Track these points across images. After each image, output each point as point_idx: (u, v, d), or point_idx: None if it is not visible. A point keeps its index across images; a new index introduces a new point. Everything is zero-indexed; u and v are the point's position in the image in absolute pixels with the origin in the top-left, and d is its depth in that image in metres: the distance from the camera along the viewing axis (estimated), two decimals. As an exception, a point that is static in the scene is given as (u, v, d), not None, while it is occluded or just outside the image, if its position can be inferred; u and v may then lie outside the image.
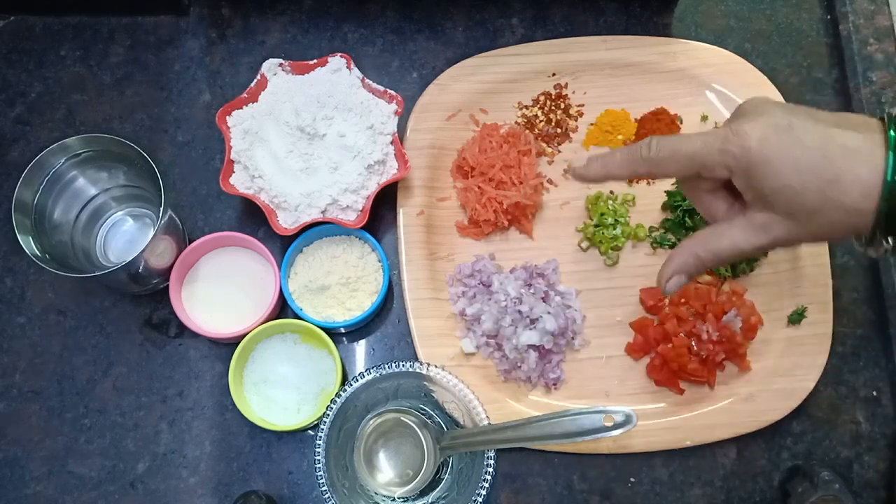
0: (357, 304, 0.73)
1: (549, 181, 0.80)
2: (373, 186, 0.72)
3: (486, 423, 0.62)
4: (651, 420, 0.72)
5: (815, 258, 0.76)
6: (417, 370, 0.64)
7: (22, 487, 0.72)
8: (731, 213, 0.55)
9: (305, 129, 0.71)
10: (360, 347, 0.77)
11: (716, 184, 0.55)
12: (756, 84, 0.81)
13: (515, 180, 0.76)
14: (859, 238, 0.52)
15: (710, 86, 0.82)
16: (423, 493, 0.63)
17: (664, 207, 0.79)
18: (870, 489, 0.74)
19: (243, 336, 0.70)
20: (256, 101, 0.74)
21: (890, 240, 0.50)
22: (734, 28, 0.86)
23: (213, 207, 0.79)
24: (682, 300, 0.75)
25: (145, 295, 0.76)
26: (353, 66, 0.75)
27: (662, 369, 0.73)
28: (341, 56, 0.75)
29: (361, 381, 0.63)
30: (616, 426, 0.57)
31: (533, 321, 0.71)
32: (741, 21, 0.87)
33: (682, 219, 0.77)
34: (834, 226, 0.50)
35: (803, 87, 0.85)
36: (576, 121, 0.81)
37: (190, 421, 0.74)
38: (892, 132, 0.48)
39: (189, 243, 0.73)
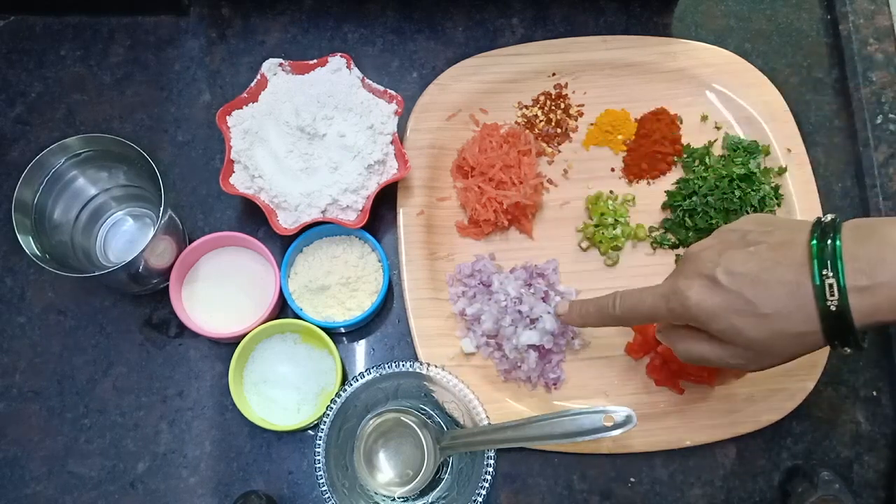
0: (357, 304, 0.73)
1: (549, 181, 0.80)
2: (373, 186, 0.72)
3: (486, 423, 0.62)
4: (651, 420, 0.72)
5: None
6: (417, 370, 0.64)
7: (22, 487, 0.72)
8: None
9: (305, 129, 0.71)
10: (360, 347, 0.77)
11: None
12: (756, 84, 0.81)
13: (515, 180, 0.76)
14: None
15: (710, 86, 0.82)
16: (423, 493, 0.63)
17: (664, 207, 0.79)
18: (870, 489, 0.74)
19: (243, 336, 0.70)
20: (256, 100, 0.74)
21: (847, 348, 0.52)
22: (734, 28, 0.86)
23: (213, 207, 0.79)
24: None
25: (145, 295, 0.76)
26: (353, 66, 0.75)
27: (662, 369, 0.73)
28: (341, 56, 0.75)
29: (361, 381, 0.63)
30: (616, 426, 0.57)
31: (533, 321, 0.71)
32: (741, 21, 0.87)
33: (682, 219, 0.77)
34: (790, 349, 0.54)
35: (803, 87, 0.85)
36: (576, 121, 0.81)
37: (190, 421, 0.74)
38: (813, 243, 0.50)
39: (189, 243, 0.73)
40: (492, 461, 0.61)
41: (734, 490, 0.73)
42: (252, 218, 0.78)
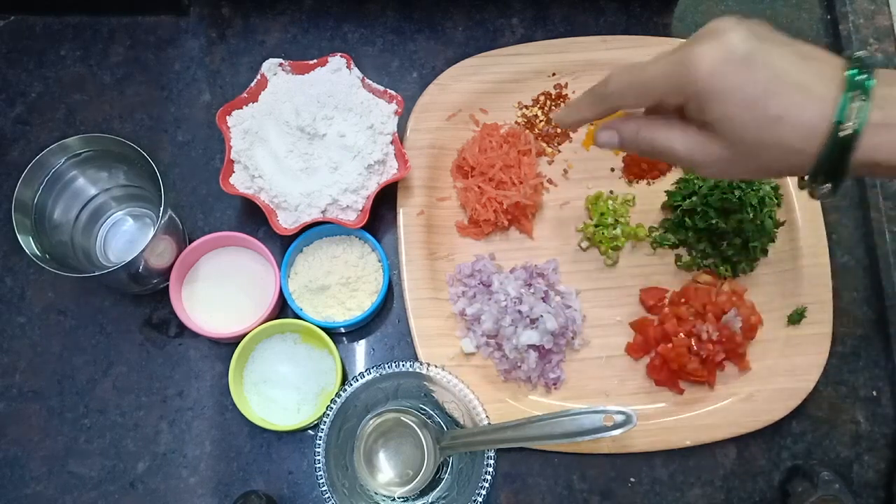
0: (357, 304, 0.73)
1: (549, 181, 0.80)
2: (373, 186, 0.72)
3: (486, 423, 0.62)
4: (651, 420, 0.72)
5: (815, 258, 0.76)
6: (417, 370, 0.64)
7: (22, 487, 0.72)
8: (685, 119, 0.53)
9: (305, 129, 0.71)
10: (360, 347, 0.77)
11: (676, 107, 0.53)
12: (756, 84, 0.81)
13: (515, 180, 0.76)
14: (801, 177, 0.51)
15: (710, 86, 0.81)
16: (423, 492, 0.63)
17: (664, 207, 0.79)
18: (870, 489, 0.74)
19: (243, 336, 0.70)
20: (256, 100, 0.74)
21: (828, 185, 0.50)
22: (734, 28, 0.86)
23: (213, 207, 0.79)
24: (682, 300, 0.75)
25: (145, 295, 0.76)
26: (353, 65, 0.75)
27: (662, 369, 0.73)
28: (341, 56, 0.75)
29: (361, 381, 0.63)
30: (616, 426, 0.57)
31: (533, 321, 0.71)
32: (741, 21, 0.87)
33: (681, 219, 0.77)
34: (772, 163, 0.51)
35: (803, 87, 0.84)
36: (576, 121, 0.81)
37: (190, 421, 0.74)
38: (851, 72, 0.48)
39: (189, 243, 0.73)
40: (492, 461, 0.61)
41: (734, 490, 0.73)
42: (252, 218, 0.78)
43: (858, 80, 0.47)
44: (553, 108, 0.81)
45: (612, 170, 0.80)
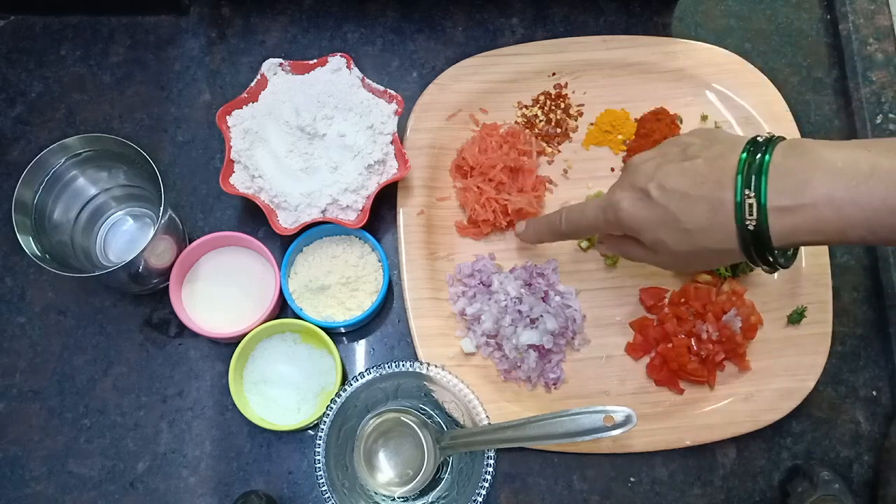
0: (357, 303, 0.73)
1: (549, 181, 0.80)
2: (373, 186, 0.72)
3: (486, 423, 0.62)
4: (651, 420, 0.72)
5: (815, 258, 0.76)
6: (417, 370, 0.64)
7: (22, 487, 0.72)
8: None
9: (305, 129, 0.71)
10: (360, 347, 0.77)
11: None
12: (756, 84, 0.81)
13: (521, 187, 0.76)
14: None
15: (710, 86, 0.82)
16: (423, 492, 0.63)
17: (664, 207, 0.79)
18: (869, 489, 0.74)
19: (243, 336, 0.70)
20: (256, 100, 0.74)
21: (766, 266, 0.54)
22: (734, 28, 0.86)
23: (213, 207, 0.79)
24: (682, 300, 0.75)
25: (145, 295, 0.76)
26: (353, 65, 0.75)
27: (662, 369, 0.73)
28: (341, 56, 0.75)
29: (361, 381, 0.63)
30: (616, 426, 0.57)
31: (533, 321, 0.71)
32: (741, 21, 0.87)
33: (682, 219, 0.76)
34: (711, 262, 0.58)
35: (803, 86, 0.85)
36: (576, 120, 0.81)
37: (190, 421, 0.74)
38: (743, 154, 0.51)
39: (189, 243, 0.73)
40: (492, 461, 0.61)
41: (734, 490, 0.73)
42: (252, 218, 0.78)
43: (751, 160, 0.50)
44: (553, 108, 0.81)
45: (613, 170, 0.80)
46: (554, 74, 0.82)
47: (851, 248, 0.80)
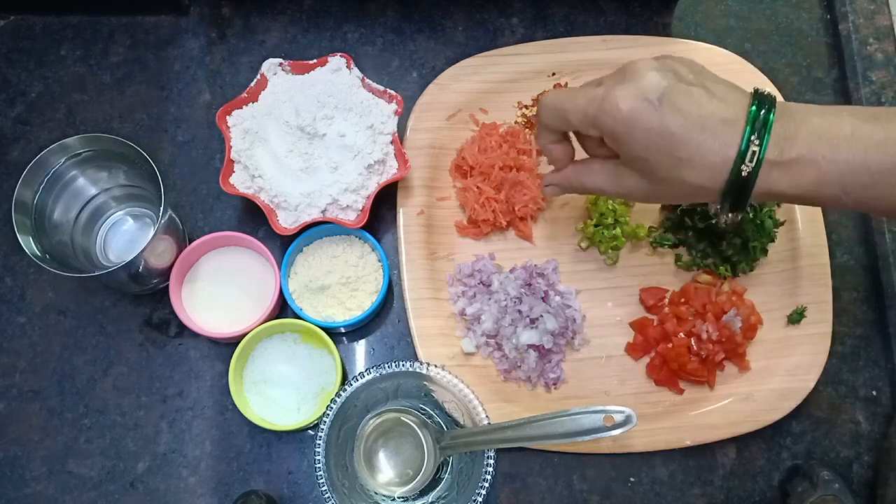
0: (357, 303, 0.73)
1: (549, 181, 0.80)
2: (373, 186, 0.72)
3: (486, 423, 0.62)
4: (651, 420, 0.72)
5: (815, 258, 0.76)
6: (417, 370, 0.64)
7: (22, 487, 0.72)
8: (608, 153, 0.59)
9: (305, 129, 0.71)
10: (360, 347, 0.77)
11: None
12: (756, 84, 0.80)
13: (526, 190, 0.76)
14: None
15: (710, 86, 0.81)
16: (423, 492, 0.63)
17: (664, 207, 0.79)
18: (869, 489, 0.74)
19: (243, 336, 0.70)
20: (256, 100, 0.74)
21: (731, 214, 0.55)
22: (734, 28, 0.86)
23: (213, 207, 0.79)
24: (682, 300, 0.75)
25: (145, 295, 0.76)
26: (353, 65, 0.75)
27: (662, 369, 0.73)
28: (341, 56, 0.75)
29: (361, 381, 0.63)
30: (616, 426, 0.57)
31: (533, 321, 0.71)
32: (741, 21, 0.87)
33: (681, 219, 0.76)
34: (682, 195, 0.56)
35: (803, 86, 0.85)
36: (576, 121, 0.81)
37: (190, 421, 0.74)
38: (752, 109, 0.52)
39: (189, 243, 0.73)
40: (492, 461, 0.61)
41: (734, 490, 0.73)
42: (252, 218, 0.78)
43: (761, 116, 0.51)
44: (553, 107, 0.81)
45: (612, 170, 0.80)
46: (554, 74, 0.82)
47: (851, 248, 0.80)
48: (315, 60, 0.75)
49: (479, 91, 0.81)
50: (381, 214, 0.78)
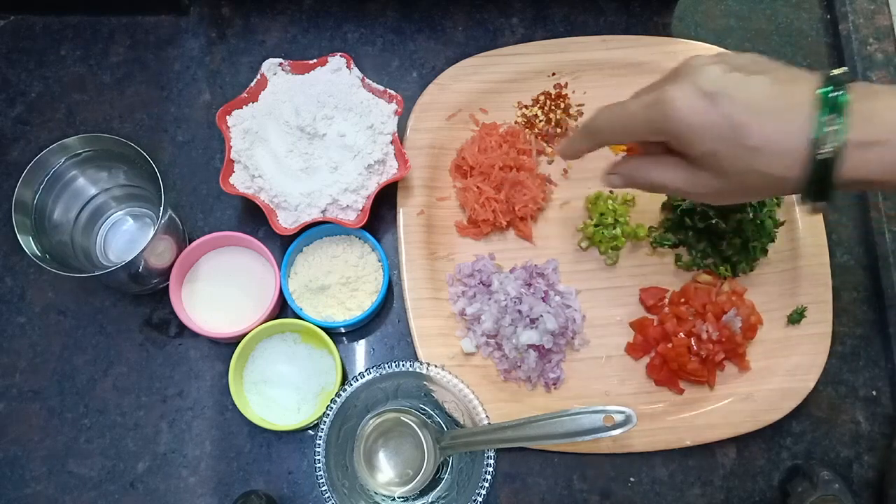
0: (357, 303, 0.73)
1: (550, 181, 0.80)
2: (373, 186, 0.72)
3: (486, 423, 0.62)
4: (651, 420, 0.72)
5: (815, 258, 0.76)
6: (417, 370, 0.64)
7: (22, 487, 0.72)
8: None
9: (305, 129, 0.71)
10: (360, 347, 0.77)
11: None
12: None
13: (526, 190, 0.76)
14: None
15: (710, 86, 0.81)
16: (423, 492, 0.63)
17: (664, 207, 0.79)
18: (869, 489, 0.74)
19: (243, 336, 0.70)
20: (256, 100, 0.74)
21: (816, 201, 0.51)
22: (734, 28, 0.86)
23: (213, 207, 0.79)
24: (682, 300, 0.75)
25: (145, 295, 0.76)
26: (353, 65, 0.75)
27: (662, 369, 0.73)
28: (341, 56, 0.75)
29: (361, 381, 0.63)
30: (616, 426, 0.57)
31: (533, 321, 0.71)
32: (741, 21, 0.87)
33: (681, 219, 0.76)
34: (761, 189, 0.53)
35: (803, 86, 0.84)
36: (576, 120, 0.81)
37: (190, 421, 0.74)
38: (823, 90, 0.49)
39: (189, 243, 0.73)
40: (492, 461, 0.61)
41: (734, 490, 0.73)
42: (252, 218, 0.78)
43: (832, 97, 0.48)
44: (553, 108, 0.81)
45: (612, 170, 0.80)
46: (554, 74, 0.82)
47: (851, 248, 0.80)
48: (315, 60, 0.75)
49: (479, 91, 0.81)
50: (381, 214, 0.78)
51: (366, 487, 0.62)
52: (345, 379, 0.71)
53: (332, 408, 0.63)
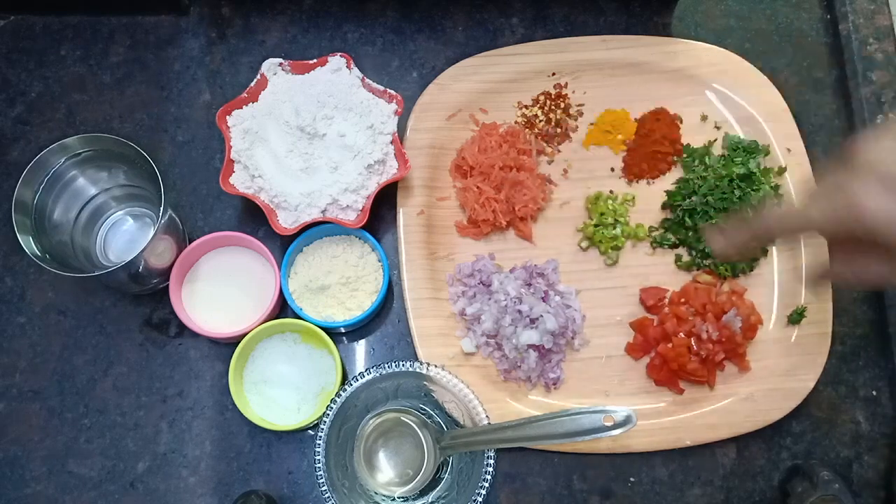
0: (357, 303, 0.73)
1: (549, 181, 0.80)
2: (373, 186, 0.72)
3: (486, 423, 0.62)
4: (651, 420, 0.72)
5: (815, 258, 0.76)
6: (417, 370, 0.64)
7: (22, 487, 0.72)
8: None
9: (305, 129, 0.71)
10: (360, 347, 0.77)
11: None
12: (756, 84, 0.81)
13: (528, 187, 0.76)
14: None
15: (710, 85, 0.82)
16: (422, 492, 0.63)
17: (664, 207, 0.79)
18: (870, 489, 0.74)
19: (243, 336, 0.70)
20: (256, 100, 0.74)
21: None
22: (734, 28, 0.86)
23: (213, 207, 0.79)
24: (682, 300, 0.75)
25: (145, 295, 0.76)
26: (353, 65, 0.75)
27: (662, 369, 0.73)
28: (341, 56, 0.75)
29: (361, 381, 0.63)
30: (616, 426, 0.57)
31: (533, 321, 0.71)
32: (741, 21, 0.87)
33: (681, 218, 0.77)
34: None
35: (803, 86, 0.85)
36: (576, 120, 0.81)
37: (190, 421, 0.74)
38: None
39: (189, 243, 0.73)
40: (492, 461, 0.61)
41: (734, 490, 0.73)
42: (252, 218, 0.78)
43: None
44: (553, 107, 0.81)
45: (612, 170, 0.80)
46: (554, 74, 0.82)
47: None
48: (315, 60, 0.75)
49: (479, 91, 0.81)
50: (381, 214, 0.78)
51: (366, 487, 0.62)
52: (345, 379, 0.71)
53: (332, 408, 0.63)
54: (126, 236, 0.78)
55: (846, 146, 0.48)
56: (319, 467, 0.61)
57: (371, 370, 0.63)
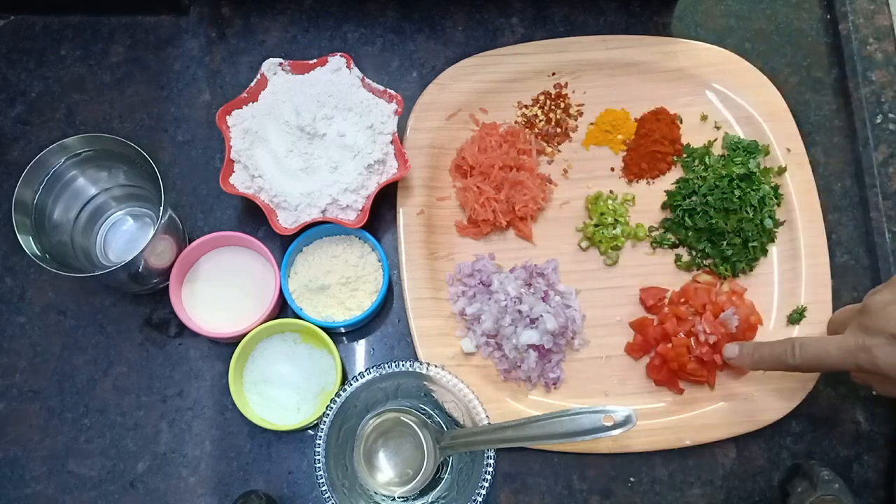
0: (357, 303, 0.73)
1: (549, 181, 0.80)
2: (373, 186, 0.72)
3: (486, 422, 0.62)
4: (651, 420, 0.72)
5: (815, 258, 0.76)
6: (417, 370, 0.64)
7: (22, 487, 0.72)
8: None
9: (305, 129, 0.71)
10: (360, 347, 0.77)
11: None
12: (756, 84, 0.81)
13: (528, 186, 0.76)
14: None
15: (710, 85, 0.82)
16: (422, 492, 0.63)
17: (664, 207, 0.79)
18: (870, 489, 0.74)
19: (243, 336, 0.70)
20: (256, 100, 0.74)
21: None
22: (734, 28, 0.86)
23: (213, 207, 0.79)
24: (682, 300, 0.75)
25: (145, 295, 0.76)
26: (353, 65, 0.75)
27: (662, 369, 0.73)
28: (341, 56, 0.75)
29: (361, 381, 0.63)
30: (616, 426, 0.57)
31: (533, 321, 0.71)
32: (741, 21, 0.87)
33: (681, 218, 0.77)
34: None
35: (803, 86, 0.85)
36: (576, 120, 0.81)
37: (190, 421, 0.74)
38: None
39: (189, 243, 0.73)
40: (492, 461, 0.61)
41: (734, 490, 0.73)
42: (252, 218, 0.78)
43: None
44: (553, 107, 0.81)
45: (612, 169, 0.80)
46: (554, 74, 0.82)
47: (851, 248, 0.80)
48: (315, 60, 0.75)
49: (479, 91, 0.81)
50: (381, 214, 0.78)
51: (366, 487, 0.62)
52: (345, 379, 0.71)
53: (332, 408, 0.63)
54: (126, 236, 0.78)
55: (865, 302, 0.60)
56: (319, 467, 0.61)
57: (371, 370, 0.63)
